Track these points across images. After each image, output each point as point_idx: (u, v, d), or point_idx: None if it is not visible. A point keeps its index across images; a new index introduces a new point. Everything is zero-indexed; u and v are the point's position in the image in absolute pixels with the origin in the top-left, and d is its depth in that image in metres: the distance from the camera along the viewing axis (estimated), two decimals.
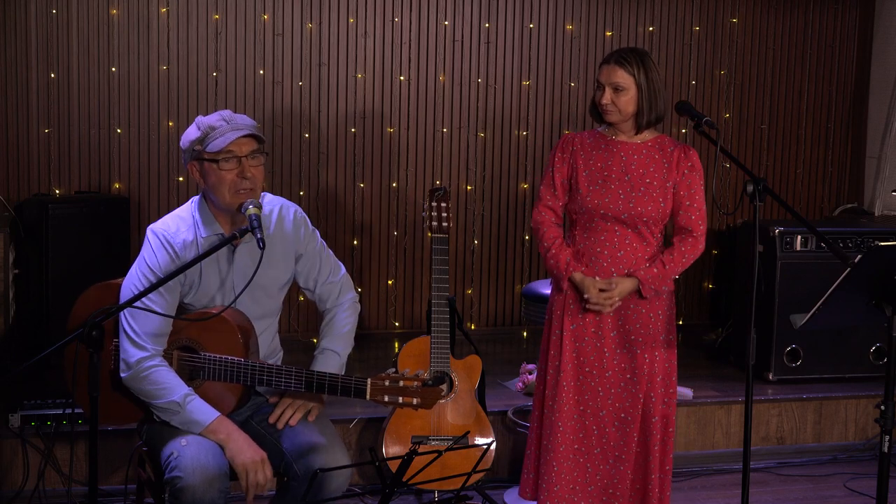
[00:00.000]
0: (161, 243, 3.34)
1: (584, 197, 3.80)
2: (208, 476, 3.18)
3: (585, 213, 3.82)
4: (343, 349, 3.58)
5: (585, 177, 3.83)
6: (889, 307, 3.25)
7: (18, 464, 4.43)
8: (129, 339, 3.29)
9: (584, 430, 3.86)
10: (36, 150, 5.66)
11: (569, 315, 3.84)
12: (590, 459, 3.86)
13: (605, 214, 3.79)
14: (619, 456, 3.85)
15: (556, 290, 3.93)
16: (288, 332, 5.94)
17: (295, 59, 5.95)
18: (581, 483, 3.86)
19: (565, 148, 3.90)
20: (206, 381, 3.34)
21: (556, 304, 3.90)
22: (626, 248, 3.80)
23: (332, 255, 3.63)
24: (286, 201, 3.54)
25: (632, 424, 3.82)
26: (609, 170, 3.81)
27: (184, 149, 3.37)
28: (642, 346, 3.82)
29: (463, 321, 4.77)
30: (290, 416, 3.42)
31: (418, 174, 6.17)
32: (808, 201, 6.77)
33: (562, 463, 3.84)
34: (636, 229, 3.81)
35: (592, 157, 3.85)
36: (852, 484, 4.91)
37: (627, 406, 3.83)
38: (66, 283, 5.05)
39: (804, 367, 5.41)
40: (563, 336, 3.85)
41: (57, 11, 5.61)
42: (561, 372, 3.84)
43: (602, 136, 3.89)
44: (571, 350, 3.84)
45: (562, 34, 6.28)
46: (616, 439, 3.84)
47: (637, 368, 3.82)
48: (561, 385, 3.83)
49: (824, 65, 6.69)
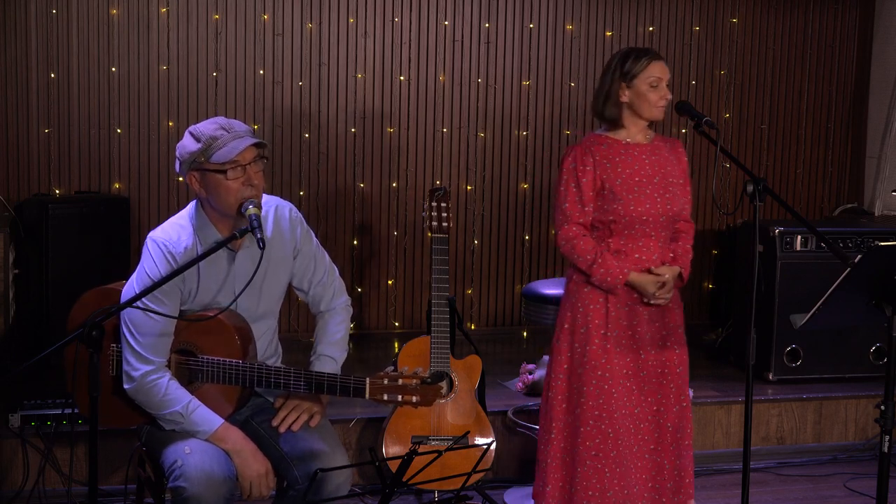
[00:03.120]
0: (162, 253, 3.30)
1: (627, 206, 3.75)
2: (214, 484, 3.18)
3: (625, 221, 3.77)
4: (339, 355, 3.57)
5: (620, 185, 3.77)
6: (889, 307, 3.25)
7: (18, 464, 4.43)
8: (132, 351, 3.28)
9: (629, 431, 3.85)
10: (36, 150, 5.66)
11: (614, 319, 3.81)
12: (630, 458, 3.85)
13: (646, 220, 3.77)
14: (656, 449, 3.86)
15: (588, 300, 3.83)
16: (288, 332, 5.94)
17: (295, 59, 5.95)
18: (628, 484, 3.85)
19: (585, 159, 3.80)
20: (204, 383, 3.34)
21: (594, 312, 3.81)
22: (661, 248, 3.83)
23: (326, 257, 3.61)
24: (281, 200, 3.50)
25: (665, 416, 3.84)
26: (639, 174, 3.80)
27: (182, 160, 3.31)
28: (671, 339, 3.85)
29: (463, 321, 4.77)
30: (293, 420, 3.41)
31: (418, 174, 6.17)
32: (808, 201, 6.77)
33: (613, 468, 3.81)
34: (669, 228, 3.84)
35: (619, 164, 3.80)
36: (852, 484, 4.91)
37: (660, 399, 3.85)
38: (66, 283, 5.05)
39: (804, 367, 5.41)
40: (606, 342, 3.80)
41: (57, 11, 5.61)
42: (610, 379, 3.80)
43: (614, 140, 3.83)
44: (614, 355, 3.80)
45: (562, 34, 6.28)
46: (650, 433, 3.85)
47: (668, 361, 3.84)
48: (610, 392, 3.80)
49: (824, 65, 6.69)
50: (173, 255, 3.30)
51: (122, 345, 3.30)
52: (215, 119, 3.33)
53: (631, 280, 3.75)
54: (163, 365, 3.30)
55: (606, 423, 3.79)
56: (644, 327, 3.83)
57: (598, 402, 3.79)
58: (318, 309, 3.62)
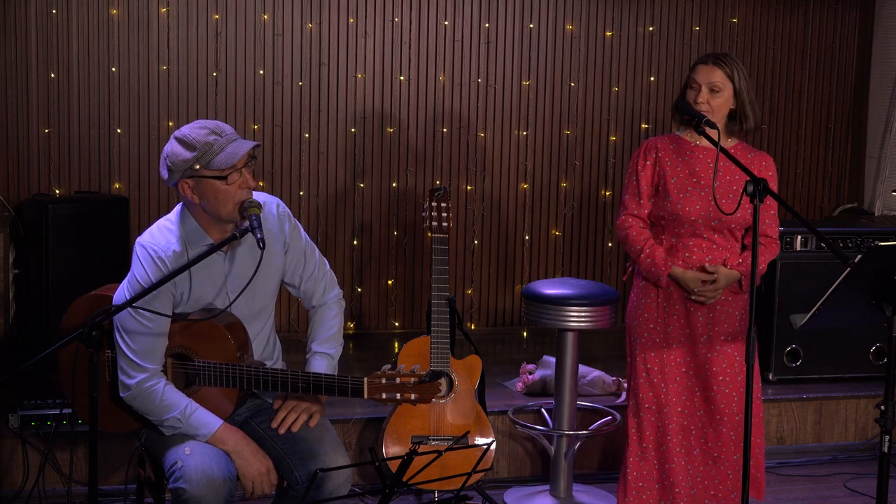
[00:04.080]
0: (152, 259, 3.27)
1: (676, 204, 3.81)
2: (214, 485, 3.18)
3: (676, 220, 3.83)
4: (334, 350, 3.56)
5: (674, 184, 3.83)
6: (889, 307, 3.25)
7: (18, 464, 4.43)
8: (126, 359, 3.26)
9: (684, 431, 3.90)
10: (36, 150, 5.66)
11: (672, 315, 3.87)
12: (690, 461, 3.89)
13: (695, 221, 3.81)
14: (718, 456, 3.89)
15: (643, 294, 3.92)
16: (288, 332, 5.94)
17: (295, 59, 5.95)
18: (685, 486, 3.88)
19: (648, 154, 3.89)
20: (202, 386, 3.33)
21: (647, 307, 3.91)
22: (715, 251, 3.84)
23: (316, 250, 3.58)
24: (267, 196, 3.47)
25: (728, 423, 3.86)
26: (697, 176, 3.83)
27: (173, 169, 3.24)
28: (731, 344, 3.86)
29: (463, 321, 4.77)
30: (293, 421, 3.41)
31: (418, 174, 6.17)
32: (808, 201, 6.77)
33: (672, 468, 3.87)
34: (723, 234, 3.84)
35: (679, 164, 3.85)
36: (852, 484, 4.91)
37: (722, 407, 3.86)
38: (66, 283, 5.05)
39: (804, 367, 5.41)
40: (661, 338, 3.88)
41: (57, 11, 5.61)
42: (667, 375, 3.87)
43: (684, 141, 3.89)
44: (669, 352, 3.87)
45: (562, 34, 6.28)
46: (714, 439, 3.88)
47: (728, 366, 3.86)
48: (668, 389, 3.87)
49: (824, 65, 6.69)
50: (163, 259, 3.27)
51: (117, 353, 3.29)
52: (200, 123, 3.27)
53: (673, 273, 3.82)
54: (158, 371, 3.29)
55: (656, 416, 3.89)
56: (702, 334, 3.87)
57: (649, 394, 3.90)
58: (310, 304, 3.60)
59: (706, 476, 3.90)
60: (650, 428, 3.91)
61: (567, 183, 6.37)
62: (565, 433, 4.52)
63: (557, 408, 4.55)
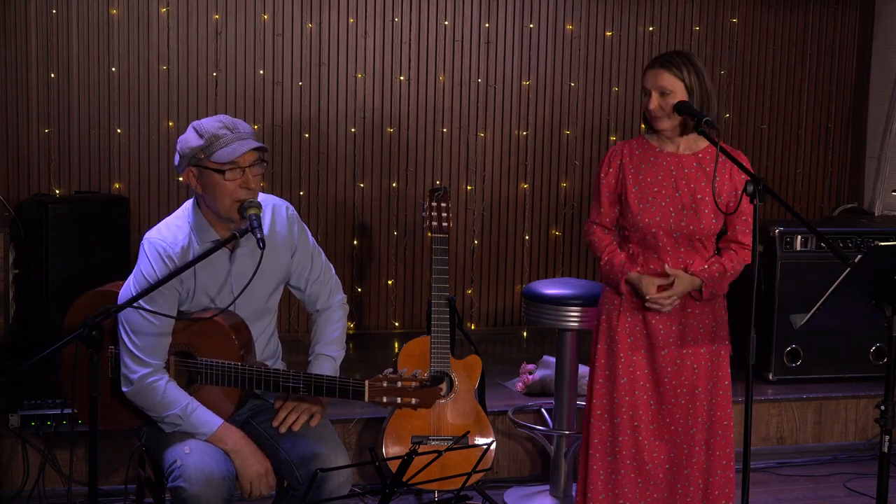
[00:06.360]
0: (159, 255, 3.29)
1: (636, 215, 3.67)
2: (213, 484, 3.18)
3: (638, 231, 3.70)
4: (337, 354, 3.57)
5: (635, 193, 3.69)
6: (889, 307, 3.24)
7: (18, 464, 4.43)
8: (130, 354, 3.27)
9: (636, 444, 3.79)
10: (36, 150, 5.66)
11: (626, 318, 3.75)
12: (640, 474, 3.79)
13: (656, 232, 3.67)
14: (684, 461, 3.79)
15: (606, 301, 3.82)
16: (288, 332, 5.94)
17: (295, 59, 5.95)
18: (631, 497, 3.81)
19: (612, 161, 3.76)
20: (204, 385, 3.34)
21: (610, 311, 3.79)
22: (680, 263, 3.70)
23: (322, 255, 3.60)
24: (277, 199, 3.50)
25: (682, 435, 3.77)
26: (659, 185, 3.68)
27: (182, 154, 3.30)
28: (696, 357, 3.75)
29: (463, 321, 4.78)
30: (293, 421, 3.41)
31: (418, 174, 6.17)
32: (808, 201, 6.77)
33: (618, 479, 3.79)
34: (690, 244, 3.70)
35: (642, 171, 3.71)
36: (852, 484, 4.91)
37: (677, 418, 3.76)
38: (65, 283, 5.05)
39: (804, 367, 5.41)
40: (620, 346, 3.75)
41: (57, 11, 5.61)
42: (624, 378, 3.75)
43: (650, 146, 3.74)
44: (628, 360, 3.75)
45: (562, 34, 6.28)
46: (666, 451, 3.79)
47: (687, 379, 3.75)
48: (620, 400, 3.76)
49: (824, 65, 6.69)
50: (171, 256, 3.29)
51: (119, 348, 3.30)
52: (220, 117, 3.32)
53: (630, 278, 3.70)
54: (160, 367, 3.30)
55: (607, 424, 3.79)
56: (668, 336, 3.74)
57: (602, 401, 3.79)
58: (314, 307, 3.61)
59: (668, 484, 3.79)
60: (598, 435, 3.80)
61: (567, 183, 6.37)
62: (565, 433, 4.52)
63: (557, 408, 4.56)
